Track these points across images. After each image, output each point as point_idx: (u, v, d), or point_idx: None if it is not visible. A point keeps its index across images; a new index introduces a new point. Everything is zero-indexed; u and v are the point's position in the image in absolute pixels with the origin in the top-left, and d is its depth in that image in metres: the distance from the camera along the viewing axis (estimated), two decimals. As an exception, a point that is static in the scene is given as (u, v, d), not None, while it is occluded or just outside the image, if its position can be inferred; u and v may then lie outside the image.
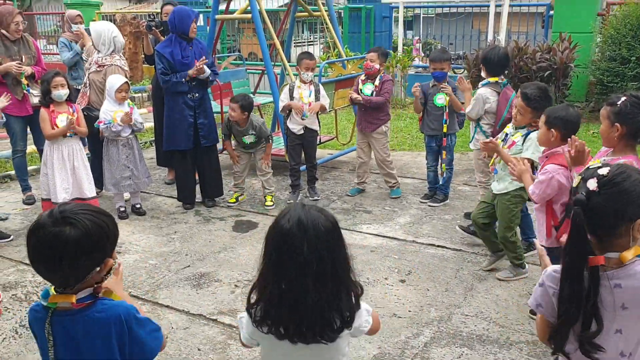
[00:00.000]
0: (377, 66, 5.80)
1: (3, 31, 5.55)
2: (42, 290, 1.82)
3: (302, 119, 5.73)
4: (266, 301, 1.78)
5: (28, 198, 6.05)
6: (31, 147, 6.20)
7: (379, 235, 5.11)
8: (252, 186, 6.44)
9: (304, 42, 18.65)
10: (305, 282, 1.71)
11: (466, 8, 13.12)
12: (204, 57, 5.43)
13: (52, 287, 1.81)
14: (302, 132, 5.84)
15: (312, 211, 1.77)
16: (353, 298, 1.82)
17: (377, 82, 5.80)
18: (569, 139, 3.05)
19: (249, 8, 6.48)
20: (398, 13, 12.04)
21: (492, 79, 4.83)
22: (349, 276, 1.81)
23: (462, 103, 5.29)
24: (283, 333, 1.77)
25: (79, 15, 7.14)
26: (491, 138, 4.40)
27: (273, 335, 1.79)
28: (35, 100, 5.58)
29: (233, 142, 5.90)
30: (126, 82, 5.45)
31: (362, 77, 5.95)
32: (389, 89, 5.86)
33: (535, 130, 3.81)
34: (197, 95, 5.60)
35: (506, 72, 5.04)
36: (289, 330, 1.76)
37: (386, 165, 5.96)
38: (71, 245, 1.69)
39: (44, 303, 1.79)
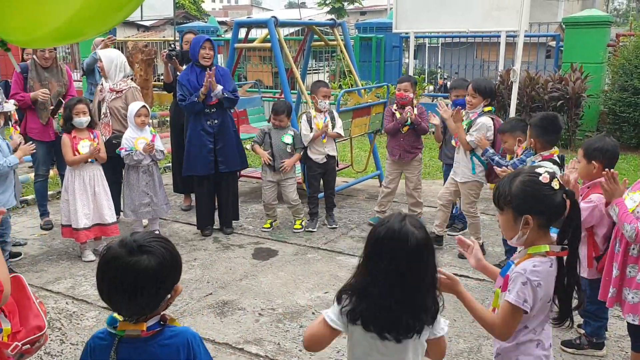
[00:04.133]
0: (411, 95, 5.83)
1: (36, 57, 5.64)
2: (71, 320, 1.81)
3: (323, 150, 5.79)
4: (357, 297, 1.93)
5: (46, 223, 6.04)
6: (53, 171, 6.24)
7: (400, 264, 5.07)
8: (281, 213, 6.39)
9: (310, 70, 18.82)
10: (394, 285, 1.88)
11: (474, 38, 13.25)
12: (210, 71, 5.44)
13: (119, 315, 1.79)
14: (324, 160, 5.87)
15: (409, 225, 1.90)
16: (434, 308, 1.96)
17: (415, 111, 5.80)
18: (604, 172, 3.05)
19: (267, 37, 6.55)
20: (408, 43, 12.14)
21: (487, 109, 5.05)
22: (433, 289, 1.96)
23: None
24: (370, 328, 1.93)
25: (102, 40, 7.36)
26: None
27: (361, 327, 1.94)
28: (56, 125, 5.63)
29: (265, 172, 5.92)
30: (144, 106, 5.49)
31: (394, 106, 5.95)
32: (426, 118, 5.85)
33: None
34: (216, 121, 5.62)
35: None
36: (377, 327, 1.92)
37: (417, 194, 5.96)
38: (151, 273, 1.68)
39: (111, 330, 1.77)
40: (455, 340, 3.84)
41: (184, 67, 6.06)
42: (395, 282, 1.88)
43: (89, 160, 5.10)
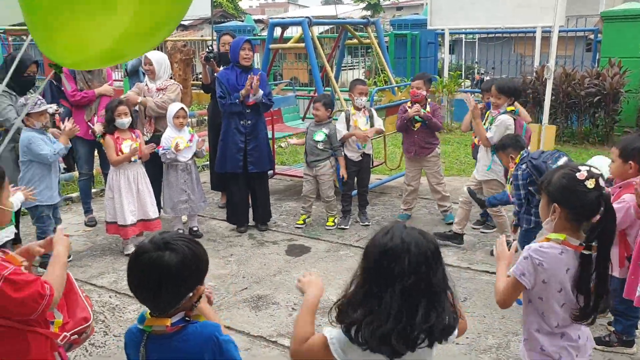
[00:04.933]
0: (424, 93, 5.90)
1: None
2: (114, 313, 1.95)
3: (360, 148, 5.87)
4: (364, 315, 1.79)
5: (90, 220, 6.30)
6: (96, 170, 6.50)
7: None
8: (314, 211, 6.50)
9: (346, 66, 18.87)
10: (402, 299, 1.76)
11: (510, 33, 13.13)
12: (253, 75, 5.59)
13: (148, 312, 1.93)
14: (360, 158, 5.98)
15: (414, 232, 1.82)
16: (447, 319, 1.82)
17: (427, 108, 5.88)
18: None
19: (301, 37, 6.68)
20: (442, 38, 12.12)
21: (509, 108, 5.15)
22: (445, 298, 1.83)
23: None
24: (374, 344, 1.78)
25: None
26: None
27: (368, 350, 1.80)
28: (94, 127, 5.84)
29: (304, 167, 6.12)
30: (182, 107, 5.68)
31: (408, 104, 6.04)
32: (440, 115, 5.94)
33: None
34: (249, 122, 5.77)
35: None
36: (384, 341, 1.77)
37: (441, 189, 6.01)
38: (171, 269, 1.81)
39: (140, 326, 1.91)
40: (485, 336, 3.91)
41: (221, 68, 6.24)
42: (398, 296, 1.76)
43: (132, 159, 5.31)
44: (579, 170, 2.30)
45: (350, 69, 18.56)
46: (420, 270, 1.77)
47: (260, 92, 5.67)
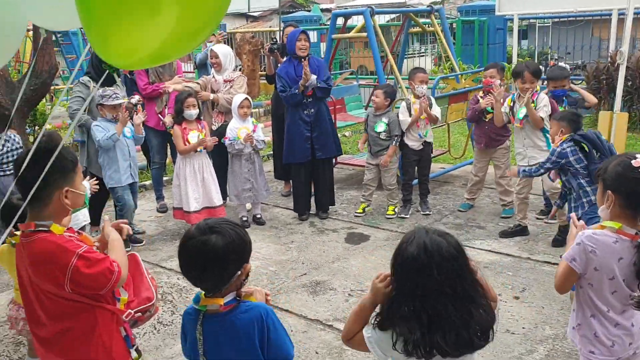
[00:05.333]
0: (498, 81, 5.80)
1: None
2: (182, 294, 2.09)
3: (420, 137, 5.89)
4: (392, 315, 1.87)
5: (161, 207, 6.63)
6: (169, 159, 6.85)
7: (492, 252, 5.11)
8: (374, 200, 6.57)
9: (415, 54, 18.68)
10: (434, 304, 1.81)
11: (589, 17, 12.60)
12: (305, 62, 5.72)
13: (203, 293, 2.07)
14: (421, 147, 5.98)
15: (436, 236, 1.85)
16: (484, 314, 1.85)
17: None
18: None
19: (363, 27, 6.72)
20: (512, 24, 11.80)
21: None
22: (478, 295, 1.86)
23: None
24: (420, 350, 1.82)
25: (214, 35, 8.20)
26: None
27: (404, 352, 1.85)
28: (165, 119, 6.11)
29: (367, 155, 6.23)
30: (246, 98, 5.87)
31: (480, 93, 5.95)
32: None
33: None
34: (312, 110, 5.89)
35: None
36: (427, 346, 1.82)
37: (505, 182, 5.90)
38: (218, 250, 1.95)
39: (196, 306, 2.06)
40: (542, 326, 3.87)
41: (284, 59, 6.39)
42: (428, 293, 1.81)
43: (198, 150, 5.55)
44: (635, 158, 2.29)
45: (419, 56, 18.39)
46: (447, 277, 1.80)
47: (313, 77, 5.76)
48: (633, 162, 2.29)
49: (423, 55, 18.14)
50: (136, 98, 5.62)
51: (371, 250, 5.29)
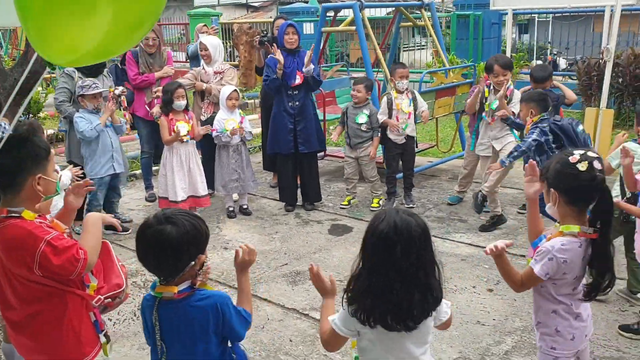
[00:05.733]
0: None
1: (142, 44, 6.27)
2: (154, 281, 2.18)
3: (400, 132, 5.94)
4: (362, 294, 1.99)
5: (150, 196, 6.72)
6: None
7: (471, 245, 5.20)
8: (360, 192, 6.65)
9: (414, 46, 18.65)
10: (394, 278, 1.93)
11: (585, 12, 12.61)
12: (309, 51, 5.84)
13: (159, 280, 2.16)
14: (403, 141, 6.05)
15: (406, 216, 1.98)
16: (432, 297, 2.00)
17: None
18: None
19: (352, 20, 6.77)
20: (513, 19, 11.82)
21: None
22: (433, 276, 2.00)
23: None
24: (376, 321, 1.98)
25: (204, 25, 8.36)
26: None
27: (366, 322, 2.00)
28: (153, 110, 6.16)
29: (345, 148, 6.31)
30: (235, 90, 5.93)
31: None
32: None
33: None
34: (297, 103, 5.96)
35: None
36: (376, 315, 1.97)
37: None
38: (172, 240, 2.03)
39: (152, 293, 2.15)
40: (512, 318, 3.96)
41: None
42: (403, 273, 1.93)
43: (185, 140, 5.62)
44: (572, 154, 2.34)
45: (419, 49, 18.37)
46: (412, 254, 1.93)
47: (312, 66, 5.84)
48: (570, 158, 2.33)
49: (423, 48, 18.12)
50: (120, 89, 5.68)
51: (353, 241, 5.38)
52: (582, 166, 2.30)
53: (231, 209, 6.16)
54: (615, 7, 6.68)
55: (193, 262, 2.11)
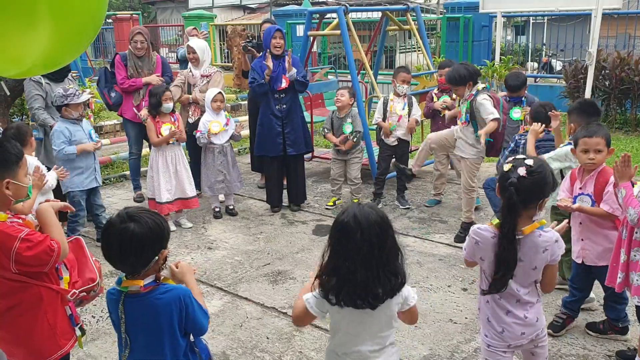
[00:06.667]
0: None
1: (131, 48, 6.36)
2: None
3: (390, 132, 6.07)
4: (329, 276, 2.20)
5: (138, 197, 6.82)
6: (146, 150, 7.01)
7: (450, 245, 5.30)
8: (345, 193, 6.76)
9: (411, 49, 18.77)
10: (356, 263, 2.14)
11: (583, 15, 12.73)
12: (288, 57, 5.95)
13: (125, 276, 2.27)
14: (395, 143, 6.16)
15: (366, 208, 2.20)
16: (395, 279, 2.21)
17: (454, 95, 5.98)
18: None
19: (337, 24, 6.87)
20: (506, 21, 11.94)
21: (479, 87, 5.27)
22: (395, 261, 2.21)
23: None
24: (342, 301, 2.19)
25: (194, 28, 8.43)
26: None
27: (334, 301, 2.21)
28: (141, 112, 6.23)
29: (333, 151, 6.42)
30: (220, 92, 6.03)
31: (435, 91, 6.21)
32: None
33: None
34: (285, 106, 6.06)
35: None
36: (343, 295, 2.18)
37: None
38: (134, 237, 2.14)
39: (118, 287, 2.25)
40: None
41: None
42: (364, 257, 2.14)
43: (171, 142, 5.72)
44: (514, 157, 2.59)
45: (412, 51, 18.47)
46: (372, 240, 2.15)
47: (294, 70, 5.94)
48: (510, 158, 2.59)
49: (415, 50, 18.21)
50: (86, 94, 5.75)
51: (335, 241, 5.47)
52: (506, 167, 2.54)
53: (217, 209, 6.26)
54: (597, 11, 6.80)
55: (156, 257, 2.21)
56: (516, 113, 5.65)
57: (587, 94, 7.10)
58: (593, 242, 3.54)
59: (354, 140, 6.11)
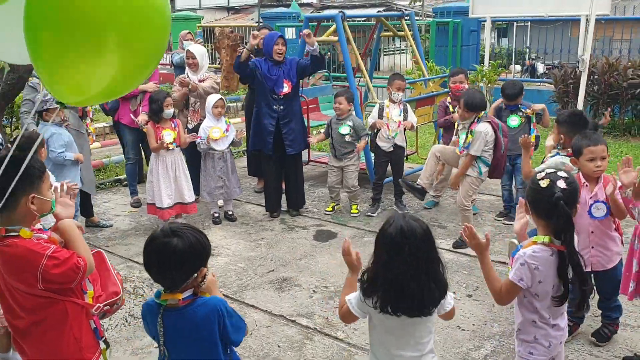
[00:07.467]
0: (466, 86, 6.16)
1: None
2: (152, 288, 2.30)
3: (389, 139, 6.11)
4: (377, 287, 2.31)
5: (135, 202, 6.79)
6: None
7: (450, 251, 5.37)
8: (344, 198, 6.78)
9: (395, 51, 18.88)
10: (404, 274, 2.25)
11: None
12: (302, 32, 6.00)
13: (163, 289, 2.28)
14: (391, 149, 6.20)
15: (411, 221, 2.30)
16: (439, 288, 2.32)
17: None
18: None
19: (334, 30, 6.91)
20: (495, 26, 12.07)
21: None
22: (438, 271, 2.33)
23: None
24: (384, 307, 2.30)
25: (189, 33, 8.39)
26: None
27: (379, 310, 2.32)
28: (138, 118, 6.22)
29: (330, 158, 6.42)
30: (221, 98, 6.04)
31: (448, 99, 6.26)
32: None
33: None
34: (282, 107, 6.04)
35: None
36: (391, 304, 2.29)
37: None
38: (177, 252, 2.16)
39: (157, 301, 2.26)
40: (490, 324, 4.13)
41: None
42: (412, 269, 2.26)
43: (170, 147, 5.70)
44: (542, 172, 2.60)
45: (399, 53, 18.58)
46: (419, 253, 2.27)
47: (315, 44, 5.90)
48: (538, 175, 2.60)
49: (403, 52, 18.34)
50: None
51: (337, 247, 5.51)
52: (544, 183, 2.54)
53: (216, 215, 6.26)
54: (590, 18, 6.92)
55: (195, 274, 2.23)
56: (514, 120, 5.76)
57: (580, 101, 7.23)
58: (604, 248, 3.62)
59: (365, 140, 6.16)
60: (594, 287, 2.68)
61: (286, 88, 5.97)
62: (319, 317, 4.27)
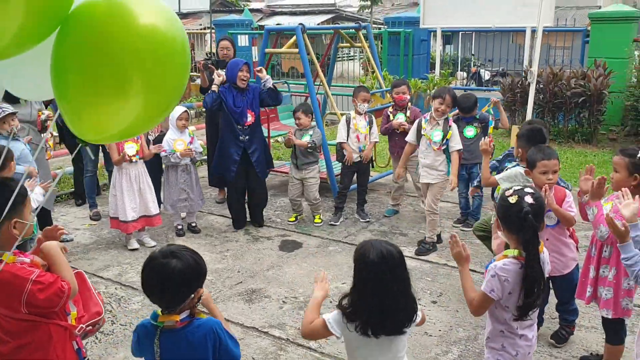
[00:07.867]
0: (408, 97, 6.44)
1: None
2: (120, 304, 2.33)
3: (360, 150, 6.29)
4: (362, 313, 2.39)
5: (95, 215, 6.68)
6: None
7: (413, 258, 5.54)
8: (306, 207, 6.87)
9: (344, 57, 19.12)
10: (385, 298, 2.35)
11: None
12: (263, 72, 6.11)
13: (159, 311, 2.32)
14: (359, 159, 6.34)
15: (387, 246, 2.42)
16: (413, 303, 2.47)
17: (408, 113, 6.30)
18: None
19: (294, 43, 7.01)
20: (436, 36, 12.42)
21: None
22: (409, 289, 2.45)
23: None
24: (367, 330, 2.38)
25: None
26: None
27: (357, 332, 2.40)
28: None
29: (291, 169, 6.49)
30: (185, 111, 6.04)
31: (390, 109, 6.51)
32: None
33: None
34: (247, 137, 6.08)
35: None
36: (374, 328, 2.38)
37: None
38: (176, 273, 2.21)
39: (154, 322, 2.30)
40: (456, 329, 4.31)
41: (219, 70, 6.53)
42: (392, 292, 2.36)
43: (133, 160, 5.66)
44: (510, 189, 2.76)
45: (350, 59, 18.82)
46: (399, 277, 2.39)
47: (268, 77, 6.08)
48: (506, 192, 2.75)
49: (352, 59, 18.60)
50: (46, 113, 5.69)
51: (304, 257, 5.60)
52: (513, 199, 2.70)
53: (180, 227, 6.24)
54: (537, 30, 7.24)
55: (192, 295, 2.28)
56: (469, 131, 6.02)
57: (529, 111, 7.57)
58: (559, 254, 3.84)
59: (309, 145, 6.23)
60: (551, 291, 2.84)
61: (250, 118, 6.03)
62: (290, 328, 4.34)
